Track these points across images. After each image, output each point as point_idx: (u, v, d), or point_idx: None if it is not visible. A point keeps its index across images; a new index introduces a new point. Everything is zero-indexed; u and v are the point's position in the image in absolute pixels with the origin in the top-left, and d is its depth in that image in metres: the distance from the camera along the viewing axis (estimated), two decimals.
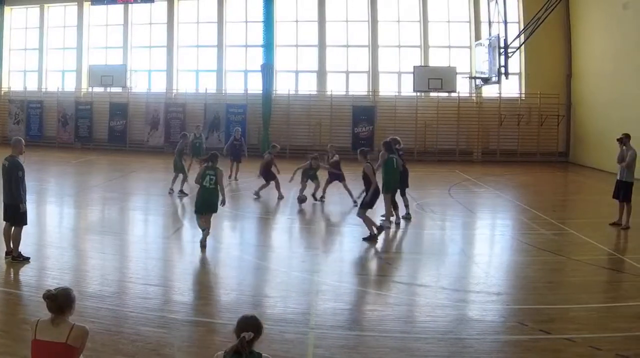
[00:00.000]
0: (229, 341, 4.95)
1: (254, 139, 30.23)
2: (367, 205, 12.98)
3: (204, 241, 11.88)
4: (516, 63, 29.48)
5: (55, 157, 28.65)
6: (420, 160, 29.06)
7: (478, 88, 30.19)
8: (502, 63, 25.02)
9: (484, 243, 14.24)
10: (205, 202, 12.08)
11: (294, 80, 32.41)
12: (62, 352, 4.68)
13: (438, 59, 31.16)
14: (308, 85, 32.20)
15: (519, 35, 26.29)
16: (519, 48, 27.03)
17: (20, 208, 10.26)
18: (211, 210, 12.15)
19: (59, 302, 4.77)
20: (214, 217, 12.37)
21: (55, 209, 16.71)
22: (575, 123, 29.86)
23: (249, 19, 32.53)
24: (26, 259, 10.33)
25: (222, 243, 13.08)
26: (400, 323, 8.20)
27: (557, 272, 10.97)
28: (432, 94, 30.85)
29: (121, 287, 9.46)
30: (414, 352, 7.24)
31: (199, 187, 12.19)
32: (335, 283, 10.12)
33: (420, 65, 30.75)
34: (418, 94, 30.75)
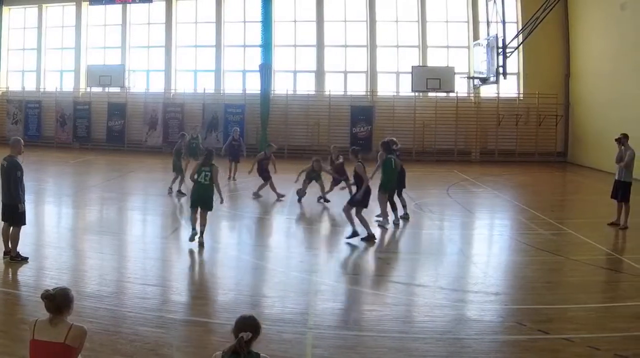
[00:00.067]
0: (227, 341, 4.94)
1: (252, 139, 30.19)
2: (361, 204, 12.96)
3: (193, 238, 11.96)
4: (514, 63, 29.46)
5: (54, 157, 28.61)
6: (419, 160, 29.08)
7: (476, 88, 30.17)
8: (501, 63, 25.01)
9: (483, 243, 14.25)
10: (200, 198, 12.21)
11: (292, 80, 32.39)
12: (61, 352, 4.67)
13: (436, 59, 31.13)
14: (306, 85, 32.15)
15: (517, 35, 26.29)
16: (517, 48, 27.02)
17: (19, 208, 10.25)
18: (206, 207, 12.22)
19: (57, 302, 4.77)
20: (213, 217, 12.36)
21: (54, 209, 16.69)
22: (574, 123, 29.87)
23: (247, 19, 32.48)
24: (24, 259, 10.33)
25: (220, 243, 13.09)
26: (399, 323, 8.20)
27: (556, 272, 10.98)
28: (431, 94, 30.83)
29: (119, 287, 9.46)
30: (412, 352, 7.24)
31: (194, 182, 12.38)
32: (334, 283, 10.13)
33: (419, 65, 30.75)
34: (416, 94, 30.74)
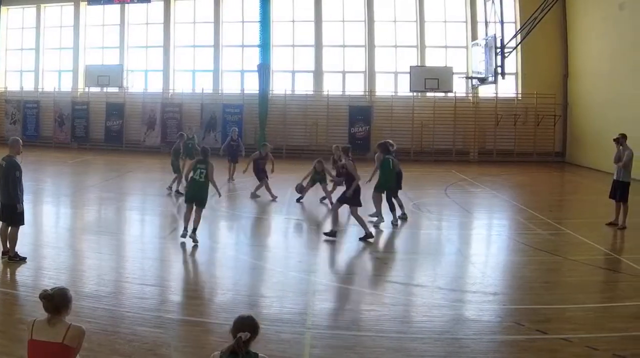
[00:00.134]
0: (225, 341, 4.94)
1: (250, 139, 30.16)
2: (352, 202, 13.00)
3: (189, 235, 12.03)
4: (513, 63, 29.53)
5: (52, 157, 28.59)
6: (417, 160, 29.11)
7: (474, 88, 30.23)
8: (499, 63, 25.07)
9: (481, 243, 14.25)
10: (195, 194, 12.33)
11: (291, 80, 32.41)
12: (59, 352, 4.67)
13: (435, 59, 31.16)
14: (304, 85, 32.16)
15: (515, 35, 26.35)
16: (516, 48, 27.09)
17: (18, 208, 10.24)
18: (200, 204, 12.31)
19: (56, 302, 4.76)
20: (212, 217, 12.36)
21: (52, 209, 16.67)
22: (572, 123, 29.90)
23: (245, 19, 32.51)
24: (23, 259, 10.31)
25: (219, 243, 13.09)
26: (397, 323, 8.20)
27: (554, 272, 10.98)
28: (429, 94, 30.86)
29: (118, 287, 9.45)
30: (411, 352, 7.24)
31: (190, 179, 12.52)
32: (332, 283, 10.13)
33: (417, 65, 30.76)
34: (415, 94, 30.75)
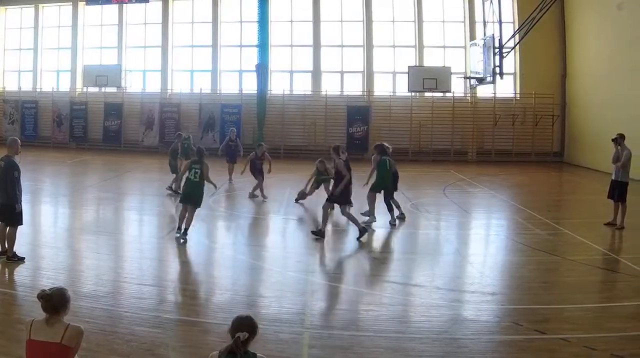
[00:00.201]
0: (223, 341, 4.93)
1: (248, 139, 30.10)
2: (341, 201, 13.02)
3: (180, 235, 12.21)
4: (511, 63, 29.53)
5: (50, 157, 28.57)
6: (415, 160, 29.13)
7: (473, 88, 30.22)
8: (497, 63, 25.04)
9: (479, 243, 14.24)
10: (190, 194, 12.51)
11: (289, 80, 32.41)
12: (57, 352, 4.66)
13: (433, 59, 31.17)
14: (303, 85, 32.17)
15: (513, 35, 26.34)
16: (514, 48, 27.08)
17: (16, 208, 10.23)
18: (194, 204, 12.48)
19: (54, 302, 4.76)
20: (210, 217, 12.36)
21: (50, 209, 16.65)
22: (570, 123, 29.93)
23: (243, 19, 32.51)
24: (21, 259, 10.30)
25: (217, 243, 13.09)
26: (395, 323, 8.20)
27: (552, 272, 10.98)
28: (427, 94, 30.88)
29: (116, 287, 9.45)
30: (409, 352, 7.24)
31: (185, 179, 12.71)
32: (330, 283, 10.12)
33: (415, 65, 30.78)
34: (413, 94, 30.77)
